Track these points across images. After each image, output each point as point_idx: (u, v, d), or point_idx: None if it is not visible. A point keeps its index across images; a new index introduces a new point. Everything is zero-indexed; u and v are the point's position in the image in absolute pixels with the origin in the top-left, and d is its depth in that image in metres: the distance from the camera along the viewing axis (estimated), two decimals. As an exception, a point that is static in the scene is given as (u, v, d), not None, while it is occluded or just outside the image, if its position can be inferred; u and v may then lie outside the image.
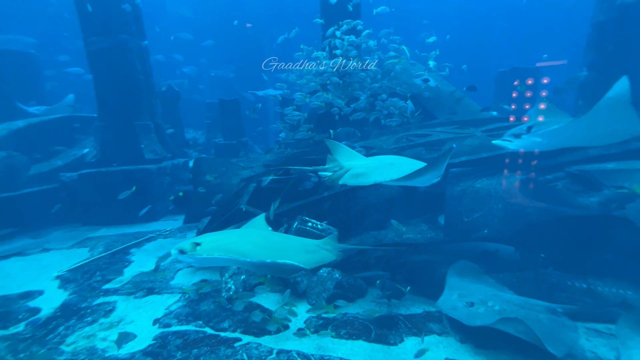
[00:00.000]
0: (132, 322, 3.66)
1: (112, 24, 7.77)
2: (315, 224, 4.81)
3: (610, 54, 6.71)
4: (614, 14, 6.55)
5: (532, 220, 3.92)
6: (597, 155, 4.92)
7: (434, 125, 6.55)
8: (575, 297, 3.49)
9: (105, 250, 5.81)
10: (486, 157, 5.12)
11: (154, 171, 7.93)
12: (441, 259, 4.40)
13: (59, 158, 8.15)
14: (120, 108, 8.05)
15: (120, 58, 7.92)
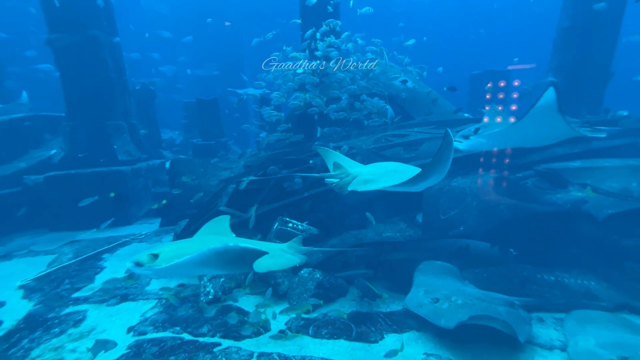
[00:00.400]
0: (105, 331, 3.50)
1: (81, 19, 7.40)
2: (296, 225, 4.79)
3: (574, 57, 7.10)
4: (579, 20, 6.94)
5: (504, 216, 4.09)
6: (562, 154, 5.19)
7: (411, 125, 6.68)
8: (544, 289, 3.67)
9: (75, 256, 5.53)
10: (461, 156, 5.27)
11: (127, 173, 7.62)
12: (420, 257, 4.50)
13: (23, 160, 7.67)
14: (91, 107, 7.69)
15: (90, 55, 7.56)
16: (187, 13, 22.90)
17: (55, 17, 7.27)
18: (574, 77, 7.09)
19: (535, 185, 4.78)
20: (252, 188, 5.67)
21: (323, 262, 4.56)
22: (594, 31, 6.80)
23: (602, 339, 2.67)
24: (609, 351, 2.49)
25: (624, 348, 2.50)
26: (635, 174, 4.09)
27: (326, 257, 4.55)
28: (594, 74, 6.92)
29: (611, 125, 5.21)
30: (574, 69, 7.06)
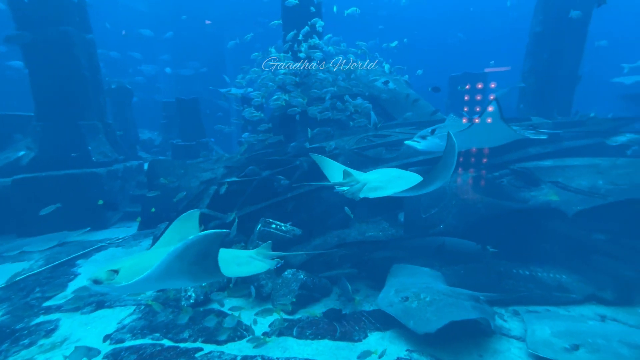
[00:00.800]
0: (79, 341, 3.35)
1: (51, 15, 7.06)
2: (279, 225, 4.77)
3: (545, 61, 7.44)
4: (549, 26, 7.27)
5: (482, 214, 4.22)
6: (535, 153, 5.42)
7: (392, 126, 6.79)
8: (519, 283, 3.82)
9: (47, 263, 5.26)
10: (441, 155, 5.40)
11: (103, 175, 7.33)
12: (402, 255, 4.58)
13: (-13, 162, 7.25)
14: (63, 106, 7.35)
15: (61, 52, 7.23)
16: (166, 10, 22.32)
17: (23, 12, 6.90)
18: (545, 80, 7.43)
19: (510, 184, 4.97)
20: (234, 189, 5.59)
21: (307, 263, 4.56)
22: (563, 36, 7.15)
23: (555, 329, 2.83)
24: (562, 340, 2.64)
25: (575, 336, 2.65)
26: (601, 172, 4.33)
27: (310, 258, 4.54)
28: (564, 77, 7.28)
29: (579, 126, 5.49)
30: (545, 73, 7.40)
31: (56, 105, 7.35)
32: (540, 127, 5.07)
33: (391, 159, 5.67)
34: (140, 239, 6.40)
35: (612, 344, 2.46)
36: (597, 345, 2.47)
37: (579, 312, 3.37)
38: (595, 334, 2.61)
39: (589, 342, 2.53)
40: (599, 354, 2.39)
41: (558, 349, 2.55)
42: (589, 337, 2.58)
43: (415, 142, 4.13)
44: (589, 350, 2.45)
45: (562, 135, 5.40)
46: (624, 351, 2.37)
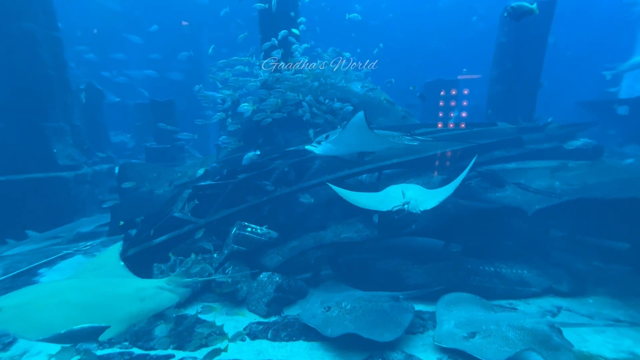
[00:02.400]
0: (40, 353, 3.19)
1: (12, 10, 6.71)
2: (255, 229, 4.75)
3: (509, 70, 7.90)
4: (512, 37, 7.75)
5: (451, 214, 4.41)
6: (500, 156, 5.75)
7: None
8: (485, 279, 4.01)
9: (5, 272, 4.95)
10: (413, 159, 5.61)
11: (70, 179, 7.01)
12: (376, 256, 4.69)
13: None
14: (25, 107, 6.97)
15: (24, 50, 6.87)
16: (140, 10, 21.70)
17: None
18: (510, 87, 7.89)
19: (478, 185, 5.24)
20: (209, 193, 5.52)
21: (283, 265, 4.57)
22: (524, 47, 7.64)
23: (459, 320, 3.11)
24: (462, 329, 2.92)
25: (473, 325, 2.93)
26: (558, 174, 4.65)
27: (286, 260, 4.56)
28: (526, 85, 7.76)
29: (540, 131, 5.86)
30: (510, 80, 7.85)
31: (16, 105, 6.96)
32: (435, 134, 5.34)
33: (366, 161, 5.80)
34: (110, 245, 6.14)
35: (502, 328, 2.77)
36: (489, 331, 2.77)
37: (537, 304, 3.60)
38: (489, 321, 2.90)
39: (483, 328, 2.81)
40: (490, 338, 2.68)
41: (458, 339, 2.82)
42: (483, 324, 2.86)
43: (313, 147, 4.52)
44: (483, 336, 2.73)
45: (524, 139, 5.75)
46: (510, 334, 2.70)
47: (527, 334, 2.67)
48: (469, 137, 6.23)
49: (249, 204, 5.12)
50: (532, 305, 3.62)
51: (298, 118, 6.40)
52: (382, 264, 4.45)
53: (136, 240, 5.08)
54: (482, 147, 5.67)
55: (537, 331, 2.69)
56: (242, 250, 4.60)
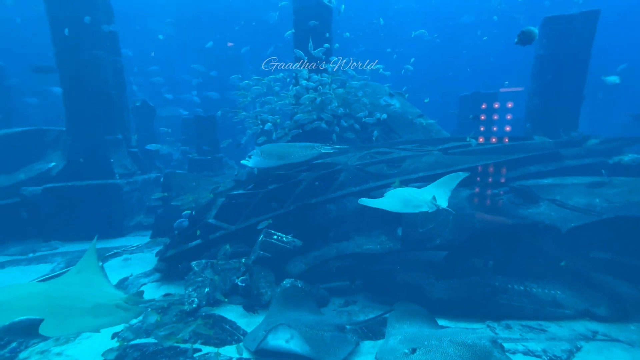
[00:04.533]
0: (91, 337, 3.62)
1: (86, 42, 7.85)
2: (281, 237, 4.98)
3: (549, 82, 7.55)
4: (551, 49, 7.44)
5: (477, 229, 4.30)
6: (536, 171, 5.48)
7: (396, 143, 7.00)
8: (514, 298, 3.83)
9: (67, 266, 5.65)
10: (441, 172, 5.54)
11: (123, 186, 7.84)
12: (398, 268, 4.67)
13: (22, 172, 7.91)
14: (91, 122, 8.01)
15: (92, 73, 7.97)
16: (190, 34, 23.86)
17: (62, 39, 7.70)
18: (549, 100, 7.51)
19: (509, 201, 5.04)
20: (241, 202, 5.89)
21: (306, 273, 4.72)
22: (565, 59, 7.29)
23: (404, 336, 3.01)
24: (404, 345, 2.84)
25: (417, 340, 2.84)
26: (599, 190, 4.35)
27: (308, 268, 4.71)
28: (568, 98, 7.35)
29: (578, 145, 5.53)
30: (549, 93, 7.49)
31: (85, 120, 8.02)
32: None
33: (392, 174, 5.84)
34: (153, 247, 6.74)
35: (443, 344, 2.69)
36: (431, 347, 2.69)
37: (570, 327, 3.36)
38: (431, 337, 2.82)
39: (425, 344, 2.74)
40: (430, 354, 2.62)
41: (399, 355, 2.75)
42: (425, 340, 2.79)
43: (246, 161, 4.77)
44: (423, 352, 2.67)
45: (562, 154, 5.45)
46: (450, 350, 2.63)
47: (467, 349, 2.60)
48: (502, 151, 6.03)
49: (275, 213, 5.38)
50: (564, 328, 3.38)
51: (325, 132, 6.65)
52: (403, 276, 4.43)
53: (174, 243, 5.56)
54: (515, 162, 5.46)
55: (477, 347, 2.61)
56: (267, 256, 4.84)
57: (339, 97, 6.94)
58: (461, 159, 5.87)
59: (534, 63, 8.07)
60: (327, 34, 8.11)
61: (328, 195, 5.48)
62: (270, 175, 6.36)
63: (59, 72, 7.90)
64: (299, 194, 5.48)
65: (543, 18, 7.76)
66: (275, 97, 7.03)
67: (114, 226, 7.62)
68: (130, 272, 5.51)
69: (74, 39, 7.62)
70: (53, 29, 7.66)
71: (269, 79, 6.97)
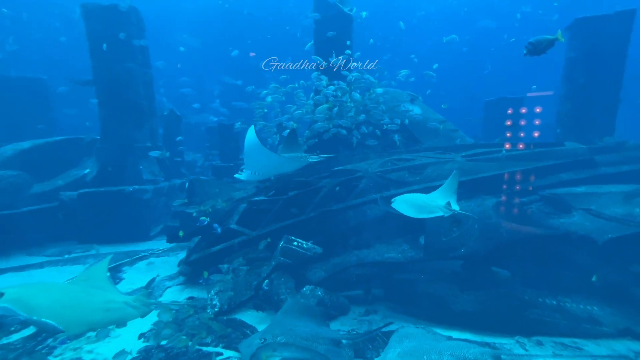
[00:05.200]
0: (119, 337, 3.76)
1: (121, 55, 8.35)
2: (301, 243, 4.99)
3: (582, 86, 7.20)
4: (582, 51, 7.11)
5: (504, 239, 4.13)
6: (568, 179, 5.21)
7: (418, 150, 6.89)
8: (545, 313, 3.63)
9: (98, 267, 5.95)
10: (464, 180, 5.40)
11: (150, 191, 8.18)
12: (421, 278, 4.56)
13: (60, 178, 8.45)
14: (122, 130, 8.47)
15: (125, 84, 8.45)
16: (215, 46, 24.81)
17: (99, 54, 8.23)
18: (582, 105, 7.15)
19: (539, 210, 4.81)
20: (262, 208, 5.97)
21: (326, 280, 4.70)
22: (599, 61, 6.94)
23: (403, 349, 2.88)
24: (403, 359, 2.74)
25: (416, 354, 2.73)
26: (638, 200, 4.07)
27: (328, 275, 4.69)
28: (603, 101, 6.97)
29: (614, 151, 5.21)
30: (582, 97, 7.14)
31: (116, 129, 8.49)
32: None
33: (414, 182, 5.75)
34: (177, 251, 6.96)
35: (443, 358, 2.56)
36: None
37: (609, 346, 3.12)
38: (431, 350, 2.68)
39: (424, 358, 2.62)
40: None
41: None
42: (425, 354, 2.67)
43: (238, 174, 4.79)
44: None
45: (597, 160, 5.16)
46: None
47: None
48: (531, 158, 5.79)
49: (296, 219, 5.42)
50: (602, 347, 3.15)
51: (346, 139, 6.66)
52: (426, 287, 4.32)
53: (198, 248, 5.71)
54: (544, 169, 5.22)
55: None
56: (287, 262, 4.87)
57: (359, 104, 6.95)
58: (486, 165, 5.69)
59: (565, 66, 7.73)
60: (347, 42, 8.18)
61: (348, 202, 5.46)
62: (291, 181, 6.43)
63: (95, 85, 8.43)
64: (320, 200, 5.49)
65: (573, 20, 7.45)
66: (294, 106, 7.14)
67: (141, 230, 7.94)
68: (155, 275, 5.71)
69: (109, 54, 8.14)
70: (91, 45, 8.22)
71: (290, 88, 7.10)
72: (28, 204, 7.28)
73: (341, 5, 8.46)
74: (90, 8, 8.19)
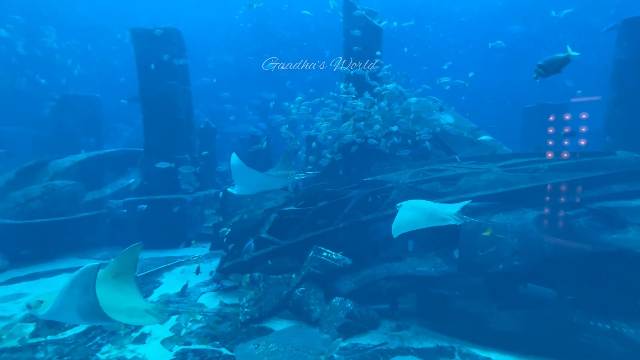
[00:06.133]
0: (158, 338, 3.97)
1: (163, 74, 9.03)
2: (330, 254, 5.00)
3: (634, 89, 6.64)
4: (635, 53, 6.59)
5: (547, 255, 3.86)
6: (621, 192, 4.79)
7: (451, 160, 6.69)
8: (597, 337, 3.32)
9: (140, 271, 6.34)
10: (502, 192, 5.15)
11: (188, 200, 8.63)
12: (456, 294, 4.37)
13: (109, 187, 9.19)
14: (163, 143, 9.06)
15: (166, 100, 9.09)
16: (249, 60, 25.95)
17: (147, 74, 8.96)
18: (635, 109, 6.59)
19: (588, 224, 4.45)
20: (292, 217, 6.07)
21: (355, 292, 4.65)
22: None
23: None
24: None
25: None
26: None
27: (358, 287, 4.64)
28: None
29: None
30: (634, 102, 6.58)
31: (159, 142, 9.10)
32: None
33: (447, 193, 5.57)
34: (212, 258, 7.24)
35: None
36: None
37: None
38: None
39: None
40: None
41: None
42: None
43: (231, 189, 4.91)
44: None
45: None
46: None
47: None
48: (577, 168, 5.40)
49: (326, 229, 5.44)
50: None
51: (375, 150, 6.63)
52: (461, 304, 4.13)
53: (231, 256, 5.90)
54: (593, 180, 4.85)
55: None
56: (317, 273, 4.89)
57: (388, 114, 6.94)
58: (526, 176, 5.38)
59: (614, 69, 7.19)
60: (377, 52, 8.22)
61: (379, 213, 5.40)
62: (320, 192, 6.49)
63: (141, 101, 9.15)
64: (349, 211, 5.49)
65: (622, 20, 6.95)
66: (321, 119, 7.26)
67: (178, 237, 8.36)
68: (190, 281, 5.97)
69: (154, 73, 8.82)
70: (139, 65, 8.98)
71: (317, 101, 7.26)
72: (81, 210, 7.97)
73: (370, 17, 8.56)
74: (138, 32, 8.98)
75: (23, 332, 3.90)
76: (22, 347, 3.62)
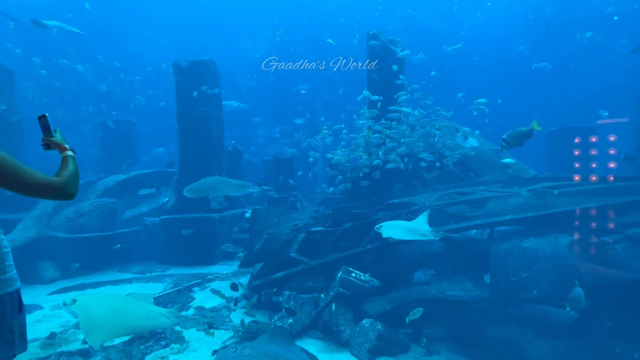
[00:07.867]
0: (195, 351, 4.17)
1: (198, 100, 9.75)
2: (359, 275, 5.09)
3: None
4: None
5: (583, 282, 3.80)
6: (661, 218, 4.67)
7: (478, 183, 6.72)
8: (643, 371, 3.20)
9: (174, 286, 6.64)
10: (532, 216, 5.13)
11: (217, 219, 9.01)
12: (488, 319, 4.32)
13: (145, 205, 9.76)
14: (197, 164, 9.62)
15: (201, 125, 9.74)
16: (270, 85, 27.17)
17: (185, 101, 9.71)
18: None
19: (625, 251, 4.35)
20: (319, 238, 6.24)
21: (384, 314, 4.68)
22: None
23: None
24: None
25: None
26: None
27: (387, 310, 4.67)
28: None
29: None
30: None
31: (192, 163, 9.67)
32: None
33: (475, 217, 5.59)
34: (239, 276, 7.45)
35: None
36: None
37: None
38: None
39: None
40: None
41: None
42: None
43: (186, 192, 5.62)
44: None
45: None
46: None
47: None
48: (609, 192, 5.32)
49: (354, 250, 5.55)
50: None
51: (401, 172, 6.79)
52: (494, 330, 4.08)
53: (261, 274, 6.09)
54: (628, 205, 4.76)
55: None
56: (346, 294, 4.97)
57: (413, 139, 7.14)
58: (556, 200, 5.35)
59: (643, 92, 7.11)
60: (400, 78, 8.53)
61: (405, 236, 5.47)
62: (347, 213, 6.66)
63: (178, 126, 9.85)
64: (376, 233, 5.60)
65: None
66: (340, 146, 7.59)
67: (207, 254, 8.67)
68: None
69: (191, 100, 9.55)
70: (178, 93, 9.76)
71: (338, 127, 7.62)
72: (120, 227, 8.51)
73: (393, 46, 8.97)
74: (178, 64, 9.83)
75: (77, 337, 4.21)
76: (75, 351, 3.91)
